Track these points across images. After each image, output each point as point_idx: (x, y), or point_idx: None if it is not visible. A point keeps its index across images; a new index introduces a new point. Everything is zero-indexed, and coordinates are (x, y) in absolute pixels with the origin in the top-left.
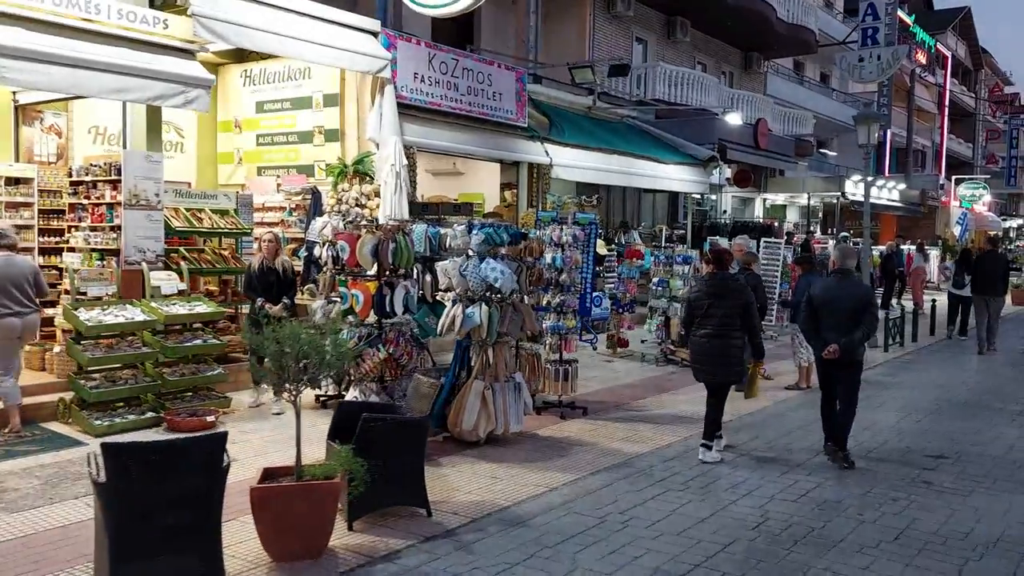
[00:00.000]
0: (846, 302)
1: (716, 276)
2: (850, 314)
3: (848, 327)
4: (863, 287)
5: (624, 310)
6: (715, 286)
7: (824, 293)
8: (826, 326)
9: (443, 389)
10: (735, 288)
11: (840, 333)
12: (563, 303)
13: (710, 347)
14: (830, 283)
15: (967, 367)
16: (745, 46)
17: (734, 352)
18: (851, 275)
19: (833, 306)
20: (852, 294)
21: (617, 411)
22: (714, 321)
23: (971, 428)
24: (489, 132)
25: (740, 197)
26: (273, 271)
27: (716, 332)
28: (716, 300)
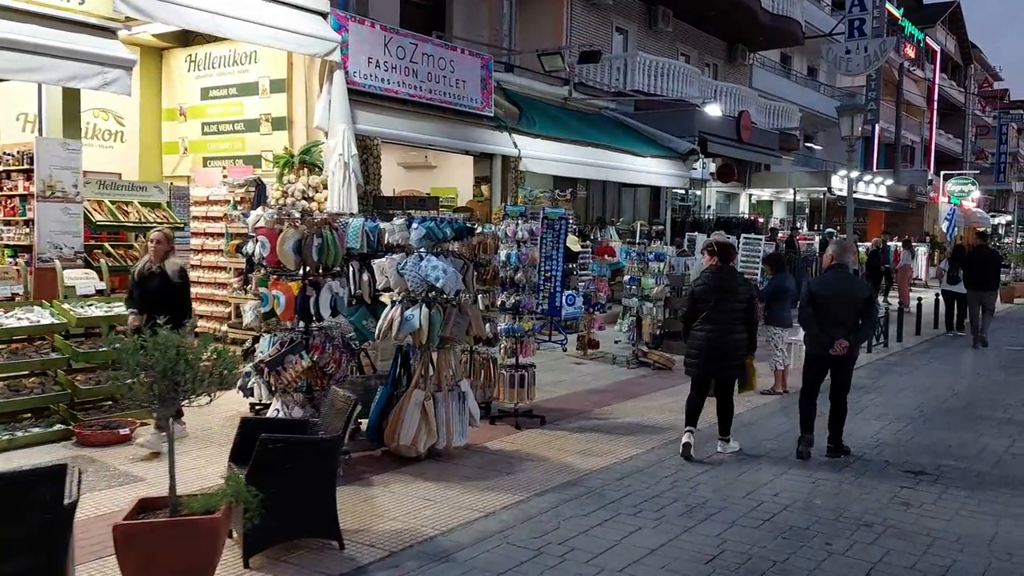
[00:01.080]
0: (846, 298)
1: (721, 270)
2: (851, 310)
3: (849, 322)
4: (861, 283)
5: (595, 309)
6: (720, 280)
7: (824, 289)
8: (827, 322)
9: (380, 399)
10: (738, 282)
11: (842, 329)
12: (519, 304)
13: (709, 342)
14: (829, 278)
15: (954, 369)
16: (730, 37)
17: (734, 348)
18: (848, 270)
19: (834, 302)
20: (852, 290)
21: (578, 420)
22: (717, 316)
23: (955, 439)
24: (451, 121)
25: (725, 192)
26: (156, 276)
27: (718, 327)
28: (721, 295)
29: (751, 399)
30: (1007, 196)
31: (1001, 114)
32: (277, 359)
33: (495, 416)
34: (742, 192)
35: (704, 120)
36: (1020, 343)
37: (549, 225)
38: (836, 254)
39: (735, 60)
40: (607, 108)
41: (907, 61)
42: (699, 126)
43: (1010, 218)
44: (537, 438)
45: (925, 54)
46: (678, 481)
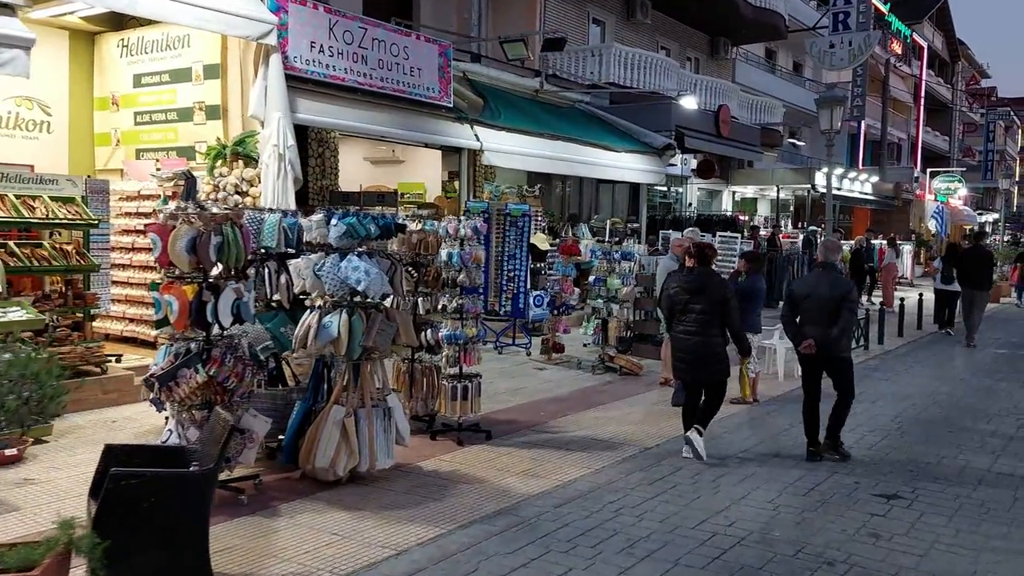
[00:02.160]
0: (824, 296)
1: (695, 271)
2: (827, 308)
3: (826, 322)
4: (843, 281)
5: (560, 311)
6: (693, 281)
7: (804, 287)
8: (805, 320)
9: (297, 415)
10: (713, 284)
11: (818, 327)
12: (462, 308)
13: (690, 345)
14: (809, 278)
15: (936, 374)
16: (711, 30)
17: (714, 351)
18: (834, 269)
19: (812, 300)
20: (830, 288)
21: (529, 433)
22: (692, 318)
23: (934, 455)
24: (405, 112)
25: (707, 189)
26: None
27: (695, 330)
28: (694, 296)
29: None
30: (994, 194)
31: (988, 111)
32: (169, 373)
33: (437, 431)
34: (725, 189)
35: (681, 114)
36: (1006, 345)
37: (512, 222)
38: (822, 253)
39: (717, 54)
40: (581, 101)
41: (893, 57)
42: (676, 120)
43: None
44: (479, 456)
45: (912, 50)
46: (623, 508)
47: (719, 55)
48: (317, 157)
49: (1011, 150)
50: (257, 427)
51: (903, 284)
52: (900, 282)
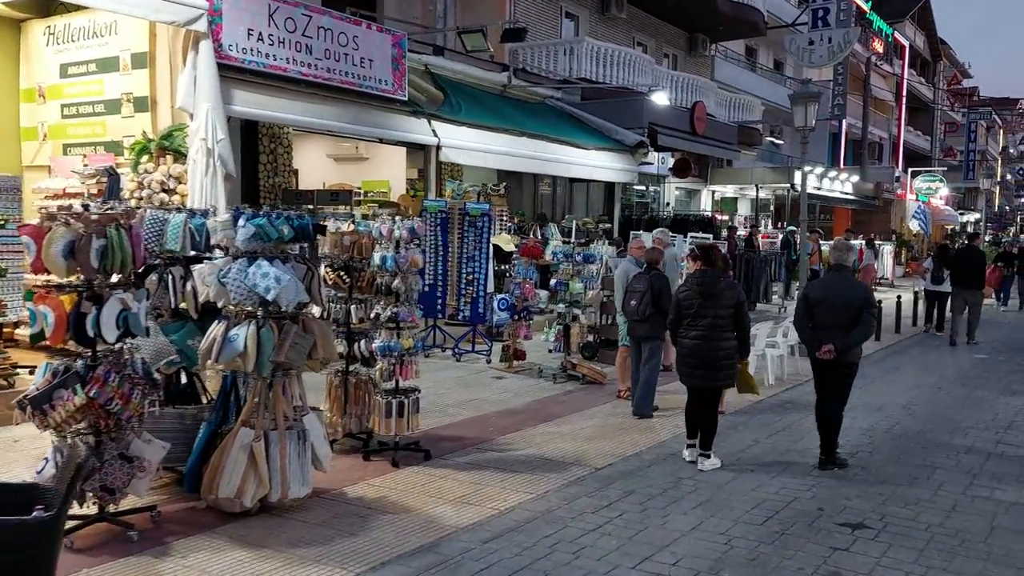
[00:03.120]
0: (841, 300)
1: (707, 274)
2: (845, 313)
3: (843, 326)
4: (859, 285)
5: (521, 316)
6: (705, 285)
7: (819, 290)
8: (820, 324)
9: (201, 438)
10: (726, 287)
11: (835, 332)
12: (396, 317)
13: (699, 350)
14: (825, 280)
15: (913, 382)
16: (689, 27)
17: (724, 355)
18: (846, 272)
19: (828, 304)
20: (848, 292)
21: (474, 452)
22: (704, 322)
23: (906, 476)
24: (355, 105)
25: (686, 189)
26: None
27: (706, 334)
28: (706, 300)
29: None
30: (975, 194)
31: (970, 111)
32: (44, 394)
33: (372, 451)
34: (703, 189)
35: (654, 111)
36: (986, 349)
37: (471, 222)
38: (832, 256)
39: (695, 51)
40: (551, 97)
41: (875, 56)
42: (649, 117)
43: (979, 216)
44: (413, 479)
45: (894, 49)
46: (560, 543)
47: (697, 52)
48: (269, 154)
49: (992, 150)
50: (150, 454)
51: (883, 285)
52: (881, 283)
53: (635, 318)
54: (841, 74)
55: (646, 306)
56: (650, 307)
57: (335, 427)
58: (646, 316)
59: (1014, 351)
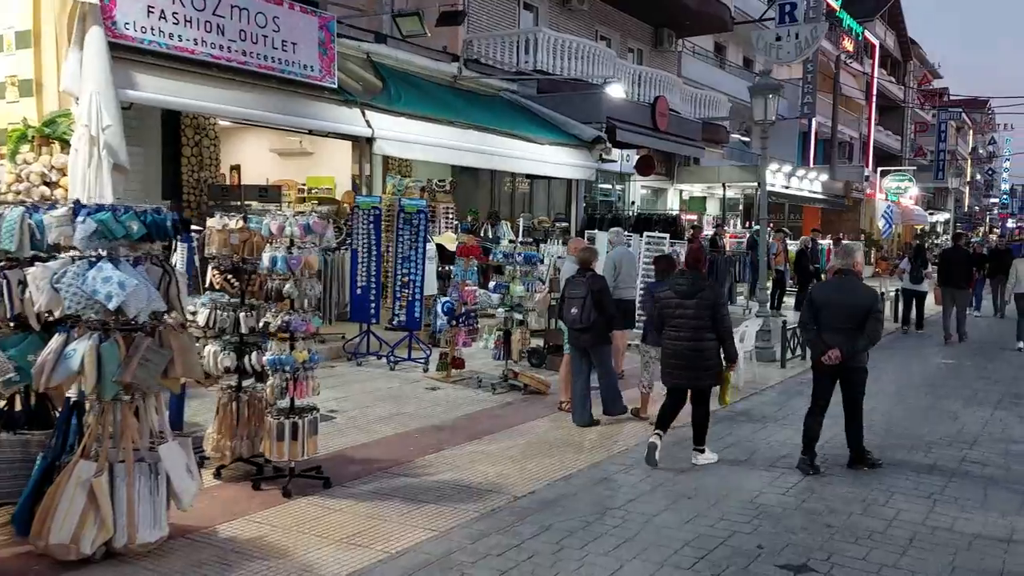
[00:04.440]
0: (847, 304)
1: (685, 275)
2: (852, 317)
3: (848, 330)
4: (867, 290)
5: (459, 322)
6: (683, 285)
7: (824, 294)
8: (826, 328)
9: (36, 473)
10: (703, 287)
11: (840, 336)
12: (288, 326)
13: (680, 350)
14: (831, 283)
15: (874, 389)
16: (655, 21)
17: (706, 355)
18: (851, 275)
19: (833, 308)
20: (854, 296)
21: (382, 478)
22: (683, 322)
23: (860, 499)
24: (275, 91)
25: (652, 187)
26: None
27: (686, 335)
28: (685, 300)
29: (617, 431)
30: (945, 194)
31: (940, 111)
32: None
33: (265, 478)
34: (670, 187)
35: (613, 105)
36: (952, 354)
37: (407, 220)
38: (838, 259)
39: (661, 46)
40: (506, 90)
41: (845, 54)
42: (607, 111)
43: (948, 216)
44: (303, 513)
45: (864, 48)
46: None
47: (663, 47)
48: (193, 146)
49: (962, 150)
50: None
51: None
52: None
53: (578, 327)
54: (811, 72)
55: (588, 312)
56: (593, 312)
57: (223, 451)
58: (590, 323)
59: (982, 357)
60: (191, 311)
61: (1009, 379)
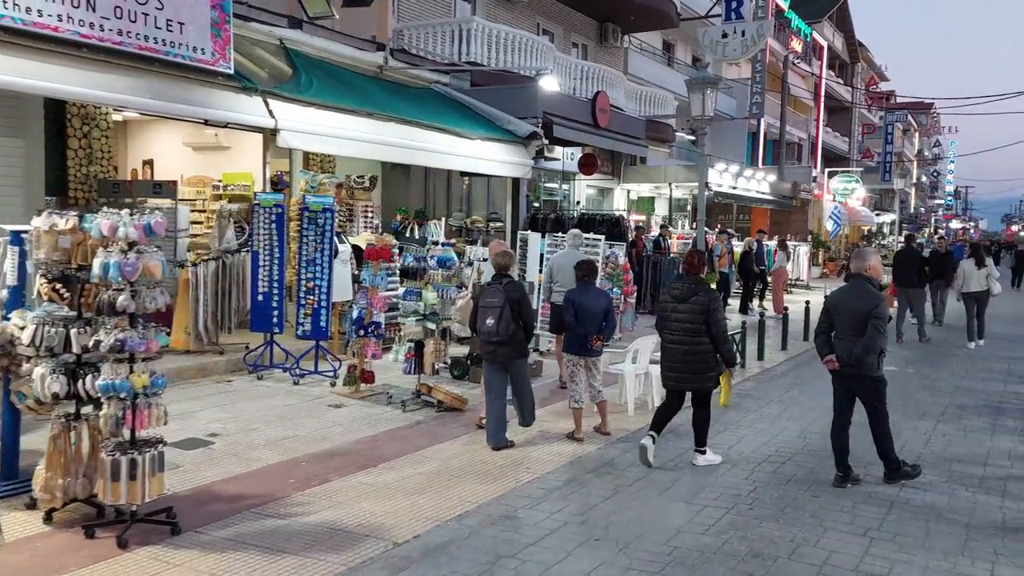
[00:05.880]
0: (852, 309)
1: (681, 279)
2: (855, 323)
3: (852, 337)
4: (871, 295)
5: (368, 332)
6: (678, 289)
7: (834, 298)
8: (837, 335)
9: None
10: (697, 292)
11: (843, 343)
12: (123, 344)
13: (675, 353)
14: (843, 290)
15: (812, 403)
16: (599, 15)
17: (701, 358)
18: (864, 279)
19: (841, 313)
20: (858, 302)
21: (246, 519)
22: (677, 326)
23: (788, 541)
24: (157, 77)
25: (599, 187)
26: None
27: (681, 338)
28: (679, 304)
29: (552, 451)
30: (891, 195)
31: (887, 114)
32: None
33: (106, 522)
34: (616, 187)
35: (550, 99)
36: (892, 361)
37: (311, 219)
38: (853, 264)
39: (607, 41)
40: (438, 82)
41: (793, 55)
42: (543, 105)
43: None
44: (135, 568)
45: (812, 49)
46: None
47: (608, 43)
48: (81, 138)
49: (909, 152)
50: None
51: (799, 287)
52: (796, 284)
53: (495, 339)
54: (759, 72)
55: (507, 324)
56: (512, 324)
57: (53, 492)
58: (508, 336)
59: (926, 364)
60: (19, 327)
61: (952, 389)
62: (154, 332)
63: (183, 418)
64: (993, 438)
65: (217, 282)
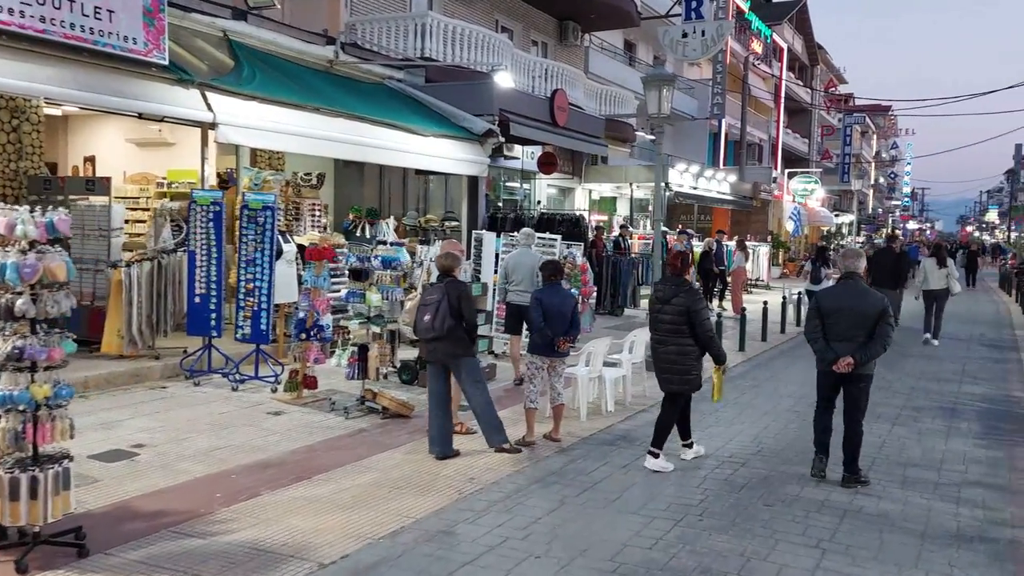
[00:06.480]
0: (857, 311)
1: (665, 280)
2: (862, 324)
3: (858, 338)
4: (874, 294)
5: (311, 336)
6: (662, 290)
7: (832, 300)
8: (834, 336)
9: None
10: (680, 293)
11: (850, 344)
12: (22, 352)
13: (661, 354)
14: (837, 289)
15: (770, 405)
16: (559, 13)
17: (685, 360)
18: (858, 279)
19: (842, 315)
20: (864, 302)
21: (165, 538)
22: (663, 327)
23: (737, 553)
24: (85, 67)
25: (560, 187)
26: None
27: (665, 338)
28: (664, 305)
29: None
30: (850, 196)
31: (845, 116)
32: None
33: (9, 544)
34: (578, 186)
35: (507, 97)
36: None
37: (251, 218)
38: (843, 263)
39: (567, 40)
40: (392, 78)
41: (753, 56)
42: (500, 103)
43: (852, 217)
44: None
45: (772, 51)
46: None
47: (569, 41)
48: (9, 132)
49: (867, 154)
50: None
51: (759, 287)
52: (757, 285)
53: (430, 336)
54: (720, 73)
55: (443, 318)
56: (449, 318)
57: None
58: (444, 331)
59: (880, 364)
60: None
61: (908, 390)
62: (58, 339)
63: (109, 428)
64: (948, 441)
65: (152, 283)
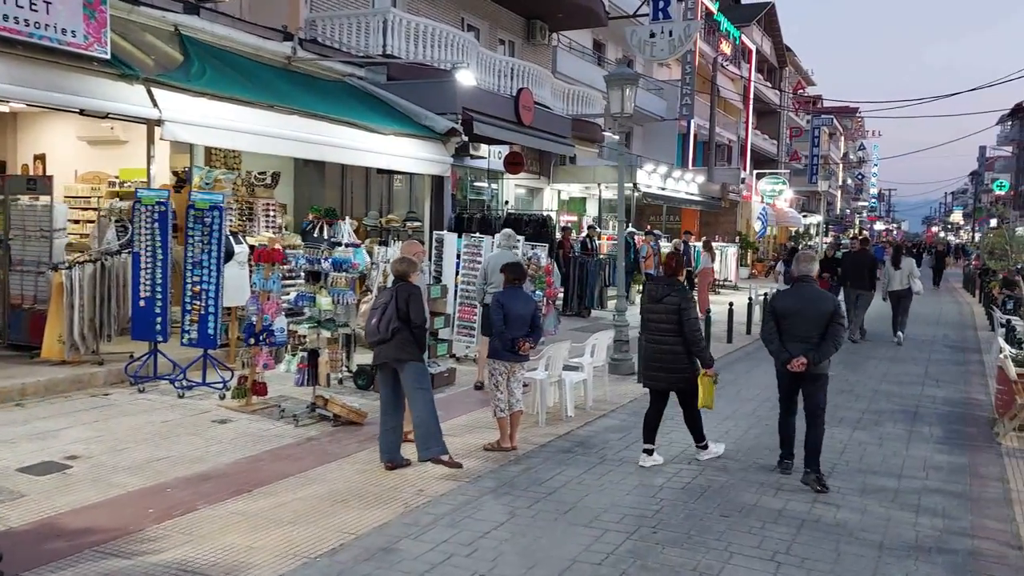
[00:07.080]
0: (811, 312)
1: (659, 279)
2: (814, 325)
3: (813, 338)
4: (826, 296)
5: (260, 340)
6: (654, 290)
7: (787, 302)
8: (789, 337)
9: None
10: (669, 293)
11: (804, 344)
12: None
13: (651, 353)
14: (792, 291)
15: (731, 409)
16: (526, 12)
17: (675, 359)
18: (811, 282)
19: (796, 316)
20: (815, 304)
21: (89, 558)
22: (654, 326)
23: (690, 566)
24: (20, 61)
25: (528, 187)
26: None
27: (656, 337)
28: (655, 304)
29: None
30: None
31: (814, 117)
32: None
33: None
34: (546, 187)
35: (471, 95)
36: None
37: (198, 218)
38: (798, 267)
39: (534, 39)
40: (353, 76)
41: (722, 57)
42: (463, 101)
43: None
44: None
45: (741, 53)
46: None
47: (536, 40)
48: None
49: (835, 155)
50: None
51: (727, 287)
52: (724, 285)
53: (375, 339)
54: (689, 74)
55: (389, 321)
56: (395, 321)
57: None
58: (391, 333)
59: (845, 367)
60: None
61: (871, 393)
62: None
63: (43, 438)
64: (909, 447)
65: (96, 286)
